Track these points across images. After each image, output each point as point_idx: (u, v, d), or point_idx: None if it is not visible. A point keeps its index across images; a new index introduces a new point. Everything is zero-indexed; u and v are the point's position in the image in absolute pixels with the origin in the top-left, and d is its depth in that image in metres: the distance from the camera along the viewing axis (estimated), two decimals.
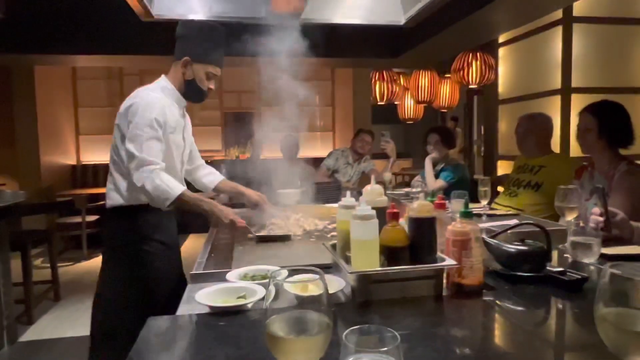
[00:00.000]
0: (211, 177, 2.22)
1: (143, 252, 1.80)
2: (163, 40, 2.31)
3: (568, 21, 4.33)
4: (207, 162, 2.29)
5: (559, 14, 4.29)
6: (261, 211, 2.04)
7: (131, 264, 1.80)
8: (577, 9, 4.30)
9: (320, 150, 7.05)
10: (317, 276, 0.64)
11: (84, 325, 3.32)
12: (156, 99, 1.78)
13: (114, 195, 1.83)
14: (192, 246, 5.72)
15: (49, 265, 3.85)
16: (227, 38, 1.94)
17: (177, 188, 1.74)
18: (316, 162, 4.46)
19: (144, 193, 1.73)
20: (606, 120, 2.03)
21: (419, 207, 1.14)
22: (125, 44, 4.10)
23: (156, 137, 1.74)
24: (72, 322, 3.40)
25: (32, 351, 2.96)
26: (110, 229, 1.87)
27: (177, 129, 1.88)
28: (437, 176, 3.42)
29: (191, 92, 1.90)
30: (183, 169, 2.02)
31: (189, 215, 1.95)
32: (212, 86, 1.91)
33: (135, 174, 1.71)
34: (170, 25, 2.00)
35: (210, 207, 1.82)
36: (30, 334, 3.19)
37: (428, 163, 3.46)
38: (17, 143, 5.61)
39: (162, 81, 1.89)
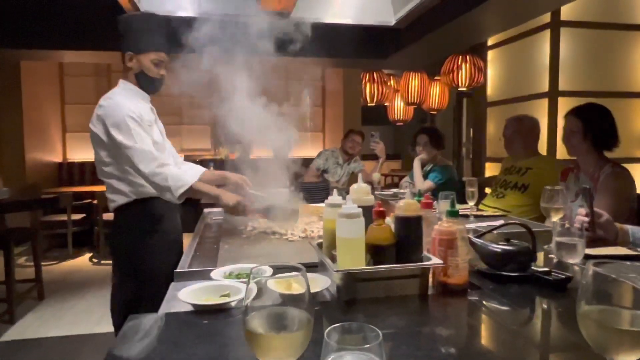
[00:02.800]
0: (192, 171, 2.15)
1: (150, 243, 1.86)
2: None
3: (556, 25, 4.38)
4: (195, 162, 2.27)
5: (547, 18, 4.34)
6: (243, 193, 2.03)
7: (140, 256, 1.85)
8: (565, 14, 4.36)
9: (310, 150, 7.05)
10: (298, 273, 0.63)
11: (67, 325, 3.28)
12: (123, 97, 1.83)
13: (114, 196, 1.87)
14: None
15: (32, 263, 3.78)
16: (168, 24, 1.96)
17: (188, 176, 1.81)
18: (306, 162, 4.45)
19: (158, 182, 1.75)
20: (591, 123, 2.05)
21: (405, 205, 1.14)
22: (113, 40, 4.05)
23: (141, 127, 1.78)
24: (56, 321, 3.35)
25: (14, 351, 2.91)
26: (119, 227, 1.91)
27: (152, 123, 1.92)
28: (425, 177, 3.43)
29: (145, 84, 1.92)
30: None
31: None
32: (162, 72, 1.92)
33: (142, 165, 1.74)
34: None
35: (217, 191, 1.89)
36: (12, 334, 3.14)
37: (417, 164, 3.47)
38: (1, 139, 5.51)
39: (121, 84, 1.92)
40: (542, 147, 3.89)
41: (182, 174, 1.83)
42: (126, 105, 1.78)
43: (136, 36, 1.86)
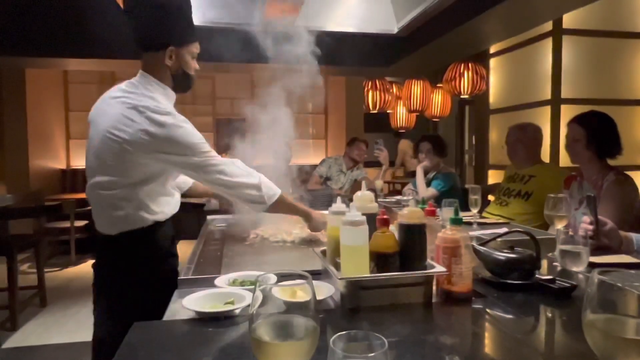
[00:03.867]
0: (183, 177, 1.91)
1: (165, 266, 1.58)
2: None
3: (558, 33, 4.40)
4: None
5: (549, 26, 4.36)
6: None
7: (154, 281, 1.49)
8: (567, 22, 4.37)
9: (312, 157, 7.06)
10: (304, 281, 0.63)
11: (70, 332, 3.28)
12: (190, 129, 1.50)
13: (121, 222, 1.49)
14: (182, 252, 5.68)
15: (35, 270, 3.79)
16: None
17: (275, 187, 1.65)
18: (308, 169, 4.46)
19: (246, 192, 1.56)
20: (594, 131, 2.05)
21: (409, 213, 1.14)
22: (117, 48, 4.09)
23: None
24: (58, 328, 3.35)
25: (16, 358, 2.90)
26: (126, 252, 1.52)
27: None
28: (428, 184, 3.43)
29: (180, 82, 1.60)
30: None
31: (178, 222, 1.82)
32: (197, 66, 1.64)
33: (239, 178, 1.55)
34: None
35: (306, 209, 1.81)
36: (15, 341, 3.13)
37: (419, 171, 3.48)
38: (5, 146, 5.54)
39: (154, 84, 1.53)
40: (545, 155, 3.90)
41: (268, 180, 1.63)
42: (189, 124, 1.50)
43: (176, 26, 1.51)
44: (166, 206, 1.57)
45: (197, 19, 2.38)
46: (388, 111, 5.82)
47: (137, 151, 1.41)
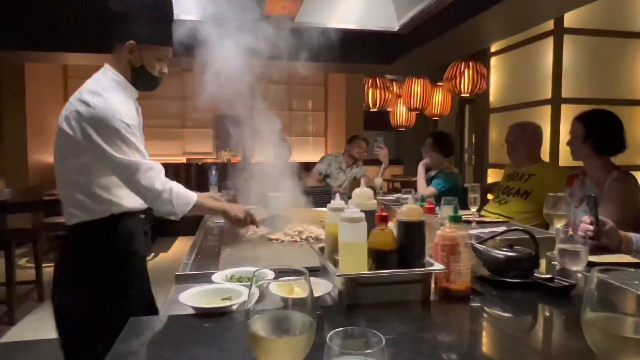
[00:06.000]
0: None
1: (123, 264, 1.55)
2: None
3: (559, 32, 4.39)
4: (198, 165, 2.23)
5: (550, 25, 4.35)
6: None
7: (109, 278, 1.51)
8: (568, 21, 4.36)
9: (312, 155, 7.05)
10: (301, 277, 0.63)
11: None
12: (114, 96, 1.48)
13: (77, 212, 1.50)
14: (179, 249, 5.67)
15: (33, 265, 3.78)
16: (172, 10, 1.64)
17: (191, 193, 1.57)
18: (308, 167, 4.46)
19: (161, 200, 1.48)
20: (592, 127, 2.06)
21: (408, 210, 1.14)
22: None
23: (137, 140, 1.49)
24: None
25: (13, 352, 2.90)
26: (82, 245, 1.52)
27: (137, 129, 1.59)
28: (429, 182, 3.41)
29: (141, 80, 1.59)
30: None
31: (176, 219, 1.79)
32: (165, 70, 1.62)
33: (149, 181, 1.46)
34: None
35: (223, 206, 1.72)
36: (12, 335, 3.13)
37: (420, 169, 3.44)
38: (4, 140, 5.53)
39: (110, 72, 1.56)
40: (545, 154, 3.89)
41: (184, 189, 1.56)
42: (122, 110, 1.46)
43: (144, 24, 1.52)
44: (124, 199, 1.53)
45: (197, 14, 2.37)
46: (388, 109, 5.81)
47: (75, 135, 1.43)
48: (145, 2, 1.53)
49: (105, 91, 1.48)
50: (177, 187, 1.53)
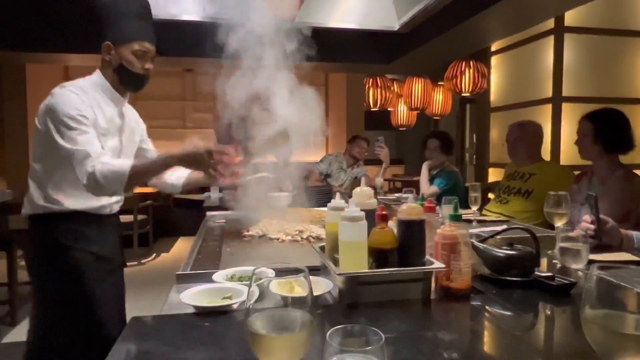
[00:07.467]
0: (178, 173, 1.95)
1: (69, 262, 1.57)
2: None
3: (559, 31, 4.39)
4: None
5: (550, 23, 4.34)
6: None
7: (59, 276, 1.57)
8: (569, 19, 4.36)
9: (313, 154, 7.05)
10: (301, 275, 0.63)
11: None
12: (73, 97, 1.52)
13: (31, 202, 1.60)
14: (181, 249, 5.68)
15: None
16: (147, 8, 1.69)
17: (124, 164, 1.48)
18: (308, 166, 4.45)
19: (96, 186, 1.46)
20: (602, 126, 2.06)
21: (408, 209, 1.14)
22: None
23: (85, 130, 1.49)
24: None
25: (15, 353, 2.90)
26: (33, 238, 1.63)
27: (110, 131, 1.63)
28: (431, 182, 3.42)
29: (126, 80, 1.65)
30: None
31: (178, 218, 1.81)
32: (147, 66, 1.65)
33: (79, 170, 1.46)
34: (163, 26, 1.98)
35: (176, 153, 1.54)
36: (13, 336, 3.13)
37: (424, 169, 3.46)
38: (6, 141, 5.55)
39: (96, 76, 1.65)
40: (546, 153, 3.89)
41: (112, 165, 1.47)
42: (73, 105, 1.49)
43: (115, 24, 1.59)
44: (69, 199, 1.59)
45: (197, 14, 2.37)
46: (389, 109, 5.81)
47: (40, 127, 1.54)
48: (111, 3, 1.61)
49: (73, 86, 1.56)
50: (101, 167, 1.44)
